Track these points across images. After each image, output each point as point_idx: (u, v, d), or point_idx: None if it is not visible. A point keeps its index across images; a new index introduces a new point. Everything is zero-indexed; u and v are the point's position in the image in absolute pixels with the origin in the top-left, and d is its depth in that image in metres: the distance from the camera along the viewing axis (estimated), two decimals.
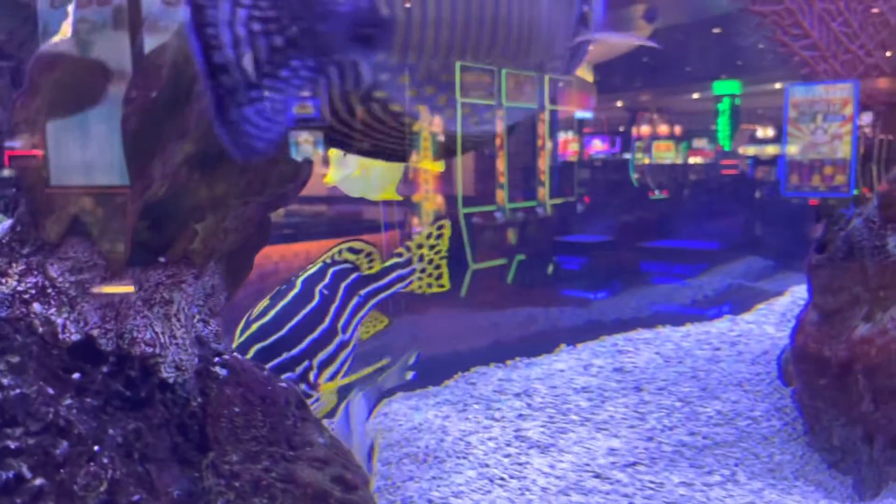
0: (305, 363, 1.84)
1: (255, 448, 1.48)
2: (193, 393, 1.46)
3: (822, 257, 2.32)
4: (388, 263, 2.22)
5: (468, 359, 3.23)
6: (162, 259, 1.42)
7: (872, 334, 2.15)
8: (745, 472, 2.03)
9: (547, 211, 3.16)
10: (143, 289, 1.39)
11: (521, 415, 2.56)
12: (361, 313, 2.11)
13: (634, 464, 2.12)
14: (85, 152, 1.26)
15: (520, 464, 2.25)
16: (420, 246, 2.26)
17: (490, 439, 2.44)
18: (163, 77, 1.21)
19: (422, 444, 2.43)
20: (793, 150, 2.48)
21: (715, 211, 5.55)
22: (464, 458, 2.34)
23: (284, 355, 1.81)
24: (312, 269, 2.06)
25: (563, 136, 5.41)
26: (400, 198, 2.25)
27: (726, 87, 7.80)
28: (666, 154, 7.76)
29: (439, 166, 2.61)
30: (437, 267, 2.28)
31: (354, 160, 1.89)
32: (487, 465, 2.27)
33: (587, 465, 2.17)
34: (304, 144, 1.35)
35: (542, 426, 2.46)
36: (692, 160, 8.07)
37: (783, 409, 2.32)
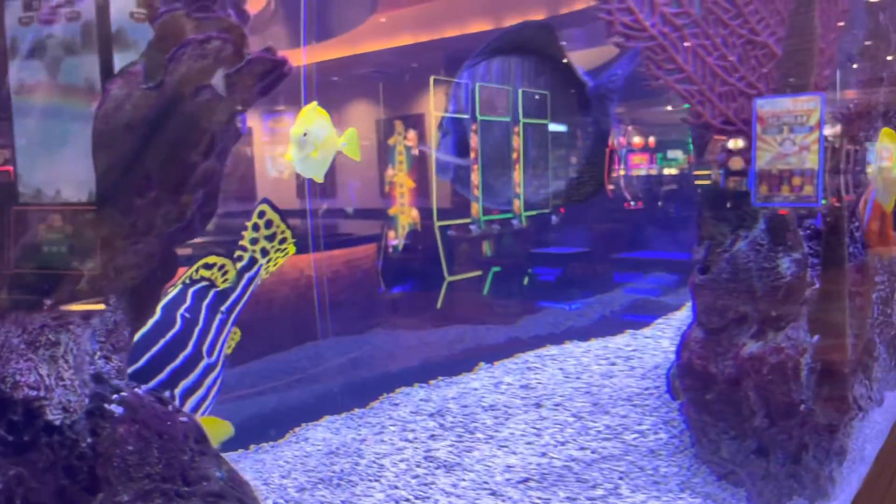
0: (166, 394, 1.82)
1: (148, 486, 1.52)
2: (83, 434, 1.49)
3: (705, 278, 2.50)
4: (237, 271, 2.22)
5: (397, 379, 3.31)
6: (48, 301, 1.45)
7: (764, 352, 2.29)
8: (628, 485, 2.17)
9: (522, 223, 3.27)
10: (27, 332, 1.43)
11: (432, 435, 2.66)
12: (226, 331, 2.10)
13: (527, 480, 2.24)
14: None
15: (426, 484, 2.34)
16: (254, 241, 2.26)
17: (402, 461, 2.52)
18: None
19: (337, 469, 2.50)
20: (762, 161, 2.63)
21: (690, 221, 5.64)
22: (376, 480, 2.41)
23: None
24: (172, 293, 2.02)
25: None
26: (321, 180, 2.16)
27: None
28: (641, 165, 7.98)
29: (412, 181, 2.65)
30: (283, 242, 2.28)
31: (312, 141, 1.87)
32: (397, 487, 2.36)
33: (486, 482, 2.28)
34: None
35: (450, 445, 2.56)
36: (666, 171, 8.28)
37: (670, 423, 2.47)
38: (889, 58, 3.45)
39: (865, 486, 2.35)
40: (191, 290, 2.06)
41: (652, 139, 8.22)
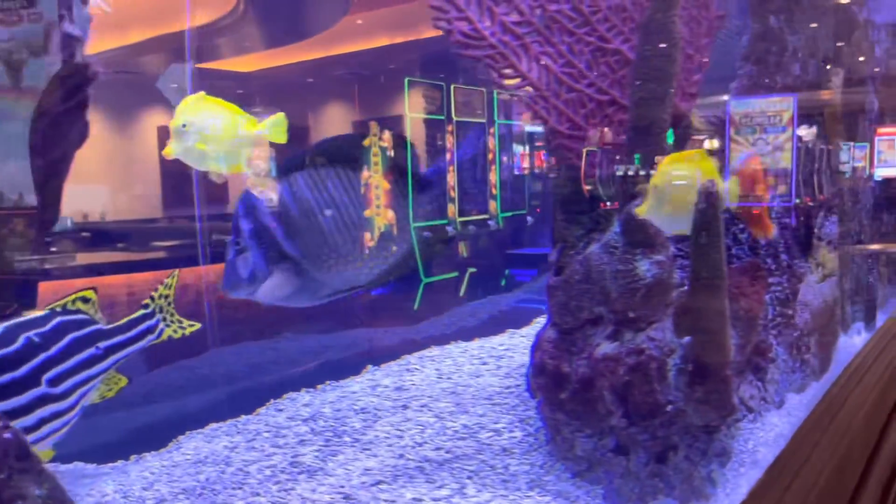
0: None
1: None
2: None
3: (558, 279, 2.57)
4: (133, 316, 2.24)
5: (289, 385, 3.34)
6: None
7: (619, 353, 2.36)
8: (475, 484, 2.24)
9: (499, 224, 3.30)
10: None
11: (302, 440, 2.70)
12: (94, 369, 2.09)
13: (380, 482, 2.30)
14: None
15: (286, 490, 2.38)
16: (165, 297, 2.28)
17: (269, 467, 2.56)
18: None
19: (202, 478, 2.52)
20: (736, 160, 2.67)
21: None
22: (238, 488, 2.44)
23: None
24: (30, 315, 1.99)
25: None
26: (245, 170, 2.08)
27: None
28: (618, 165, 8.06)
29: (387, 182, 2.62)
30: (171, 314, 2.32)
31: (195, 131, 1.79)
32: (258, 494, 2.39)
33: (342, 486, 2.33)
34: None
35: (317, 450, 2.60)
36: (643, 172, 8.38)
37: (527, 421, 2.56)
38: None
39: (755, 492, 2.39)
40: (57, 318, 2.02)
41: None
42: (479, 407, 2.67)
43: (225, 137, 1.85)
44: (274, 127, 1.92)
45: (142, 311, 2.26)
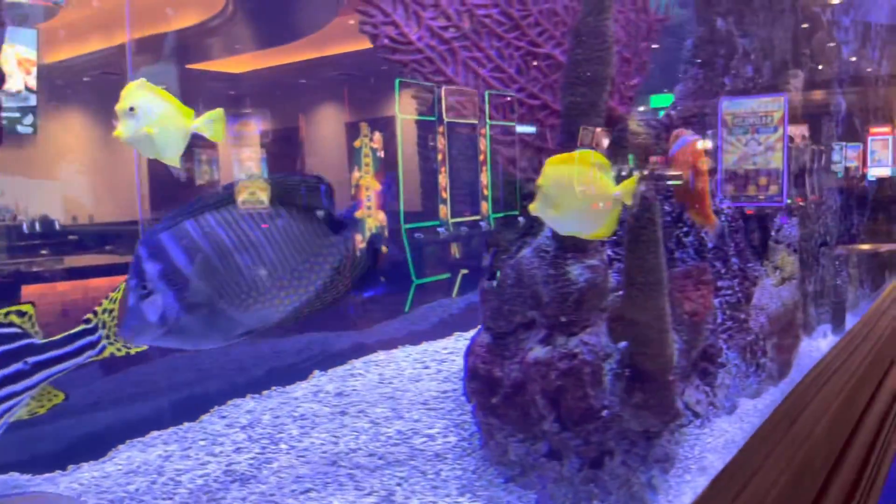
0: None
1: None
2: None
3: (491, 283, 2.55)
4: (73, 331, 2.18)
5: (235, 391, 3.29)
6: None
7: (552, 358, 2.34)
8: (404, 490, 2.21)
9: (490, 225, 3.29)
10: None
11: (238, 448, 2.66)
12: (19, 385, 2.00)
13: (309, 490, 2.26)
14: None
15: (215, 500, 2.34)
16: (108, 312, 2.23)
17: (202, 476, 2.52)
18: None
19: (132, 489, 2.48)
20: (728, 161, 2.64)
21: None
22: (168, 499, 2.40)
23: None
24: None
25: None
26: (178, 165, 1.97)
27: (662, 101, 8.28)
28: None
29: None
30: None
31: (145, 115, 1.74)
32: None
33: (273, 495, 2.29)
34: None
35: (252, 458, 2.57)
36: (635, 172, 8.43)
37: (462, 425, 2.53)
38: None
39: (700, 500, 2.35)
40: None
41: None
42: (414, 412, 2.64)
43: (169, 124, 1.81)
44: (211, 123, 1.86)
45: (82, 326, 2.19)
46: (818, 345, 4.64)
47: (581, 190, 1.70)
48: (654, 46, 2.98)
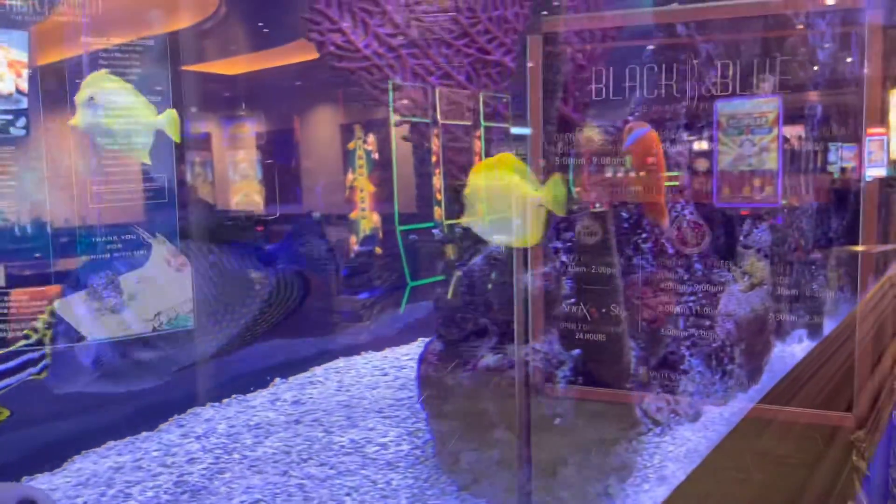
0: None
1: None
2: None
3: (444, 290, 2.54)
4: (11, 348, 2.13)
5: (195, 399, 3.24)
6: None
7: (502, 365, 2.33)
8: (353, 501, 2.18)
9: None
10: None
11: (192, 458, 2.62)
12: None
13: (258, 501, 2.23)
14: None
15: None
16: (49, 326, 2.17)
17: (153, 488, 2.48)
18: None
19: (80, 501, 2.44)
20: (723, 162, 2.63)
21: None
22: None
23: None
24: None
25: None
26: (149, 161, 1.94)
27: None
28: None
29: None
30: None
31: (102, 105, 1.74)
32: None
33: None
34: None
35: (205, 469, 2.53)
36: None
37: (415, 433, 2.50)
38: None
39: None
40: None
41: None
42: (370, 420, 2.61)
43: (133, 117, 1.80)
44: (167, 121, 1.85)
45: (23, 342, 2.13)
46: (792, 350, 4.62)
47: (499, 197, 1.68)
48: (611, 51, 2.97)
